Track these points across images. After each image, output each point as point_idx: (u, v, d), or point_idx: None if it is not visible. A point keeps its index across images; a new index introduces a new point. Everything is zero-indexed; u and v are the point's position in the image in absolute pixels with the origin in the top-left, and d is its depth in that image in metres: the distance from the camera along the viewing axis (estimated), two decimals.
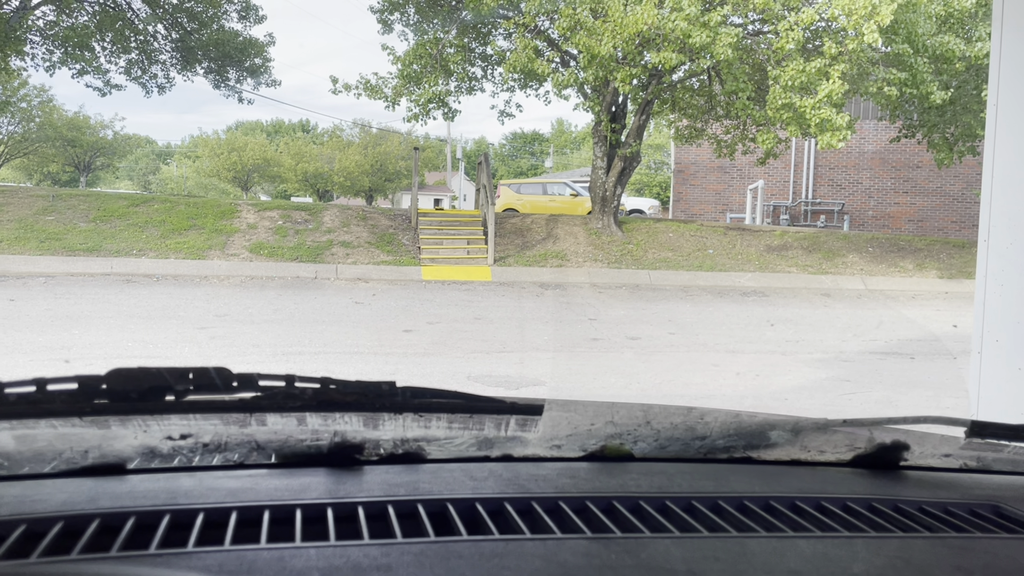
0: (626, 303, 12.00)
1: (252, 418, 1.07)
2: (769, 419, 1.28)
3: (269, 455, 1.00)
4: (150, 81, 16.40)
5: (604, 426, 1.23)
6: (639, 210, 24.86)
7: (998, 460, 1.20)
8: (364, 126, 40.88)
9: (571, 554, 0.76)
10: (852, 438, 1.19)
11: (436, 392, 1.07)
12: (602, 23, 10.17)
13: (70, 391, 0.94)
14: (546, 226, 15.51)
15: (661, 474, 1.04)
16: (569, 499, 0.91)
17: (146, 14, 15.31)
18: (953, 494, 1.02)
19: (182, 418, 1.03)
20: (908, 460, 1.13)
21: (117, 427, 1.03)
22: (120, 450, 0.97)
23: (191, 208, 14.71)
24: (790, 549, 0.80)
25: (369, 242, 14.17)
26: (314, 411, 1.05)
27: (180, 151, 66.57)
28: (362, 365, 7.29)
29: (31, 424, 1.01)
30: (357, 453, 1.00)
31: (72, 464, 0.93)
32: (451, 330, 9.30)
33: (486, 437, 1.11)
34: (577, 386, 7.08)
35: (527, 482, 0.96)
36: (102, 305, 9.90)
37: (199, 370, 0.97)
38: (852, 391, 6.96)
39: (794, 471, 1.10)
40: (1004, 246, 2.88)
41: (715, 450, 1.14)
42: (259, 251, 13.31)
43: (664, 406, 1.34)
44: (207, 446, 1.00)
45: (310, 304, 10.71)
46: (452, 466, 1.00)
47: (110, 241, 12.93)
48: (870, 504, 0.96)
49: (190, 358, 7.28)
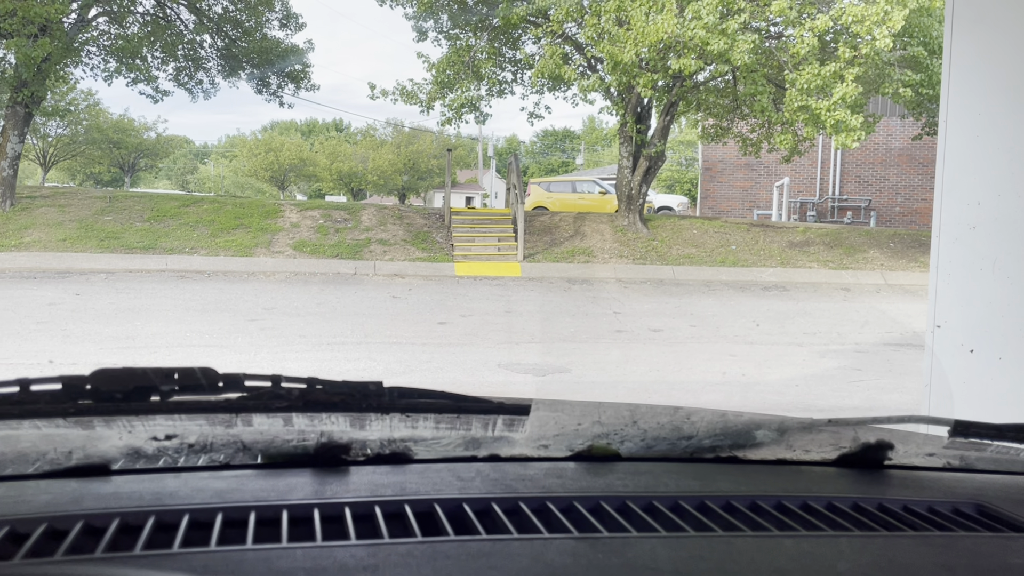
0: (650, 297, 12.45)
1: (238, 418, 1.05)
2: (755, 419, 1.29)
3: (255, 456, 1.00)
4: (196, 87, 17.25)
5: (591, 426, 1.23)
6: (668, 207, 24.99)
7: (981, 459, 1.21)
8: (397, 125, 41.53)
9: (558, 554, 0.76)
10: (837, 437, 1.19)
11: (423, 392, 1.07)
12: (625, 32, 10.75)
13: (54, 392, 0.94)
14: (573, 224, 16.05)
15: (648, 474, 1.04)
16: (556, 499, 0.91)
17: (194, 24, 16.16)
18: (937, 493, 1.03)
19: (167, 419, 1.02)
20: (892, 459, 1.15)
21: (102, 428, 1.01)
22: (104, 451, 0.96)
23: (238, 208, 15.51)
24: (776, 548, 0.81)
25: (405, 240, 14.83)
26: (301, 411, 1.03)
27: (217, 150, 67.52)
28: (400, 354, 7.78)
29: (14, 425, 0.99)
30: (344, 453, 1.00)
31: (56, 465, 0.93)
32: (482, 322, 9.79)
33: (473, 437, 1.10)
34: (600, 374, 7.56)
35: (514, 482, 0.97)
36: (160, 299, 10.58)
37: (184, 370, 0.96)
38: (861, 379, 7.35)
39: (780, 470, 1.12)
40: (951, 240, 3.32)
41: (701, 450, 1.14)
42: (302, 248, 14.04)
43: (651, 406, 1.34)
44: (193, 447, 0.99)
45: (350, 298, 11.29)
46: (439, 466, 1.01)
47: (164, 239, 13.77)
48: (855, 503, 0.97)
49: (244, 347, 7.87)
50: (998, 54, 3.01)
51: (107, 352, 7.43)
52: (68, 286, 11.29)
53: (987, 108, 3.05)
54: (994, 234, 3.06)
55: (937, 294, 3.43)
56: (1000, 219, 3.04)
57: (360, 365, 7.23)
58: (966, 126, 3.15)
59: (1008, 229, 2.98)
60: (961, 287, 3.32)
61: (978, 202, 3.12)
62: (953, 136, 3.21)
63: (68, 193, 16.23)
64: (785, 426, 1.20)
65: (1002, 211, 3.05)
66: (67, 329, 8.41)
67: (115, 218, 14.42)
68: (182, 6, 16.06)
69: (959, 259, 3.30)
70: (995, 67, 3.07)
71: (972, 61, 3.20)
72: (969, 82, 3.20)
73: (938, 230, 3.37)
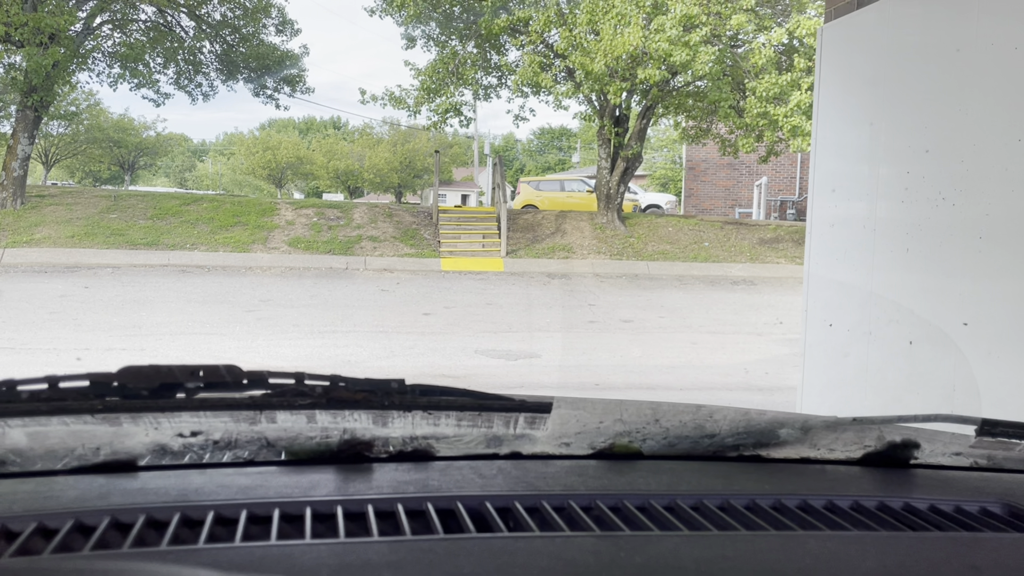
0: (624, 291, 13.06)
1: (262, 415, 1.06)
2: (778, 417, 1.27)
3: (279, 452, 1.01)
4: (196, 90, 17.96)
5: (613, 424, 1.21)
6: (656, 205, 25.22)
7: (1008, 458, 1.20)
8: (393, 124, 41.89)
9: (580, 552, 0.75)
10: (862, 436, 1.17)
11: (445, 390, 1.06)
12: (595, 43, 11.55)
13: (82, 388, 0.94)
14: (555, 221, 16.77)
15: (670, 472, 1.04)
16: (578, 497, 0.91)
17: (194, 31, 16.90)
18: (964, 492, 1.02)
19: (193, 415, 1.02)
20: (918, 458, 1.14)
21: (128, 424, 1.02)
22: (131, 447, 0.97)
23: (236, 207, 16.20)
24: (800, 547, 0.80)
25: (394, 237, 15.52)
26: (324, 409, 1.03)
27: (215, 148, 67.50)
28: (386, 342, 8.36)
29: (43, 421, 0.99)
30: (366, 451, 1.01)
31: (84, 461, 0.94)
32: (465, 313, 10.39)
33: (495, 435, 1.10)
34: (568, 359, 8.16)
35: (536, 480, 0.96)
36: (163, 292, 11.17)
37: (210, 367, 0.97)
38: None
39: (804, 469, 1.11)
40: (822, 244, 3.81)
41: (724, 448, 1.13)
42: (297, 245, 14.75)
43: (673, 404, 1.32)
44: (217, 443, 1.00)
45: (341, 291, 11.90)
46: (461, 464, 1.01)
47: (166, 236, 14.47)
48: (881, 502, 0.96)
49: (242, 335, 8.44)
50: (855, 85, 3.66)
51: (116, 339, 8.00)
52: (77, 280, 11.87)
53: (847, 128, 3.62)
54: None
55: (809, 294, 4.01)
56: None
57: (348, 351, 7.81)
58: (832, 140, 3.74)
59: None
60: (828, 288, 3.94)
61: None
62: (821, 154, 3.80)
63: (75, 192, 16.97)
64: (809, 425, 1.19)
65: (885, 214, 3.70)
66: (78, 319, 9.02)
67: (120, 216, 15.13)
68: (182, 13, 16.79)
69: (827, 262, 3.89)
70: (853, 96, 3.60)
71: (836, 91, 3.87)
72: (833, 105, 3.80)
73: (810, 231, 3.98)
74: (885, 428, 1.20)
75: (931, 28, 3.08)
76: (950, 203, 2.92)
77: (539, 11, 12.98)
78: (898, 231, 3.23)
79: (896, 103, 3.27)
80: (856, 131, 3.60)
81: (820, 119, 3.90)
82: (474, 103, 15.57)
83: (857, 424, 1.17)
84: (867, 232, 3.47)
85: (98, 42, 15.81)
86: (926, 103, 3.08)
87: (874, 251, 3.41)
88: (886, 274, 3.33)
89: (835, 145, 3.80)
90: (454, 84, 14.53)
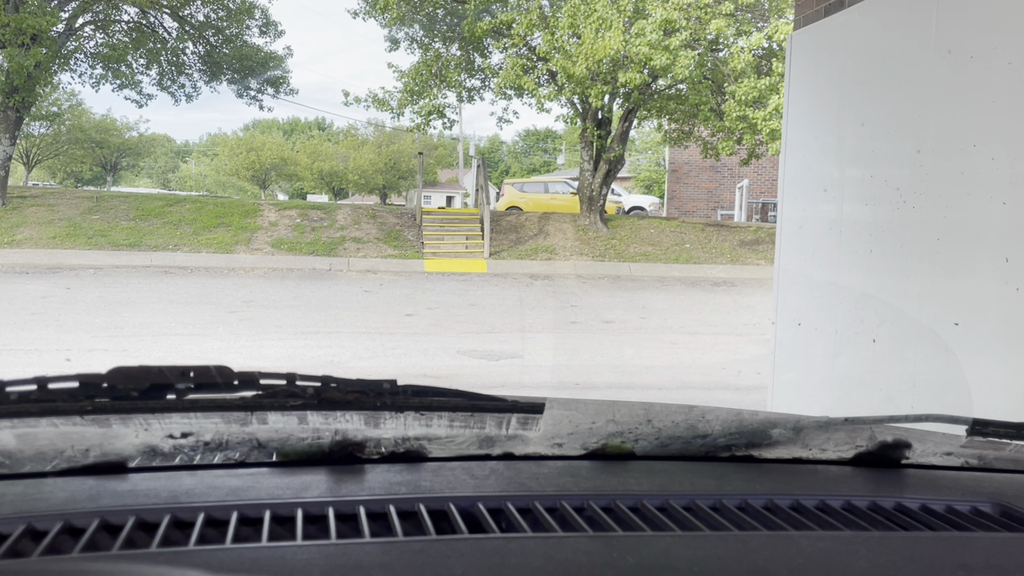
0: (606, 292, 13.15)
1: (253, 416, 1.05)
2: (770, 417, 1.27)
3: (270, 454, 1.00)
4: (179, 91, 17.93)
5: (605, 424, 1.21)
6: (640, 207, 25.37)
7: (1000, 458, 1.20)
8: (378, 125, 41.85)
9: (572, 552, 0.75)
10: (853, 436, 1.18)
11: (437, 390, 1.06)
12: (577, 47, 11.68)
13: (71, 389, 0.93)
14: (538, 223, 16.86)
15: (663, 473, 1.04)
16: (570, 497, 0.91)
17: (176, 32, 16.88)
18: (955, 492, 1.02)
19: (183, 416, 1.01)
20: (910, 458, 1.14)
21: (118, 426, 1.01)
22: (121, 449, 0.96)
23: (219, 208, 16.19)
24: (792, 547, 0.80)
25: (378, 238, 15.56)
26: (315, 410, 1.02)
27: (198, 149, 67.07)
28: (368, 342, 8.40)
29: (32, 423, 0.98)
30: (358, 452, 1.00)
31: (73, 463, 0.93)
32: (447, 314, 10.43)
33: (487, 436, 1.10)
34: (548, 359, 8.25)
35: (528, 481, 0.97)
36: (146, 293, 11.14)
37: (200, 368, 0.96)
38: None
39: (796, 469, 1.11)
40: (791, 244, 3.99)
41: (717, 448, 1.13)
42: (280, 246, 14.77)
43: (665, 404, 1.32)
44: (208, 444, 0.99)
45: (325, 292, 11.93)
46: (453, 465, 1.01)
47: (149, 237, 14.44)
48: (872, 502, 0.96)
49: (224, 336, 8.47)
50: (823, 90, 3.78)
51: (98, 340, 7.97)
52: (59, 281, 11.83)
53: (815, 132, 3.73)
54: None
55: (779, 294, 4.13)
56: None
57: (331, 352, 7.86)
58: (800, 144, 3.84)
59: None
60: (796, 287, 4.06)
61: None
62: (791, 158, 3.91)
63: (56, 193, 16.90)
64: (801, 425, 1.18)
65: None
66: (60, 320, 9.00)
67: (102, 217, 15.08)
68: (165, 14, 16.75)
69: (795, 262, 4.02)
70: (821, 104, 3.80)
71: (804, 96, 3.98)
72: (801, 112, 3.96)
73: (779, 232, 4.10)
74: (877, 428, 1.20)
75: (893, 36, 3.19)
76: (910, 206, 3.02)
77: (522, 14, 13.09)
78: (863, 232, 3.32)
79: (861, 108, 3.38)
80: (824, 134, 3.71)
81: (790, 123, 4.02)
82: (458, 105, 15.67)
83: (849, 424, 1.18)
84: (834, 233, 3.57)
85: (80, 43, 15.79)
86: (889, 108, 3.19)
87: (840, 251, 3.51)
88: (851, 274, 3.42)
89: (804, 148, 3.90)
90: (437, 86, 14.62)
